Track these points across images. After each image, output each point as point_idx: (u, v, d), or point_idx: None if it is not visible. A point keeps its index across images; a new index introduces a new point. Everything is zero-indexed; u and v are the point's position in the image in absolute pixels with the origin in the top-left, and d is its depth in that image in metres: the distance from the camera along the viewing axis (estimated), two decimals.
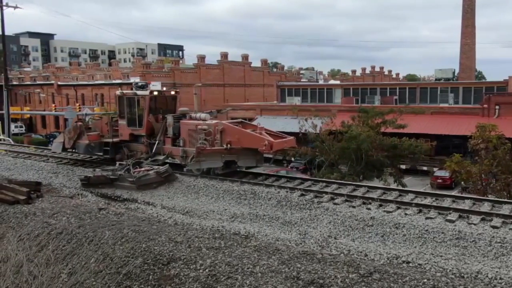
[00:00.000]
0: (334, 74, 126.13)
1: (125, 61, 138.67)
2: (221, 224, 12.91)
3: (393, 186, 25.13)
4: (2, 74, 47.21)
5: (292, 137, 17.91)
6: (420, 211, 12.67)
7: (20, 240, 13.28)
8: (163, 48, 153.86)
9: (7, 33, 45.68)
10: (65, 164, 21.54)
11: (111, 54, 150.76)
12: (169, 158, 18.52)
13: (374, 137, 24.10)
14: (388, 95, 54.57)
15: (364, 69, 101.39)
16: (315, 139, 26.36)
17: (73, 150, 21.53)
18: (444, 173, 38.69)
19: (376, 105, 31.64)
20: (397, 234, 11.46)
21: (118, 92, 20.33)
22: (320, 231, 11.93)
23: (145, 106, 18.70)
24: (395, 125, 25.49)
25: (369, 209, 12.94)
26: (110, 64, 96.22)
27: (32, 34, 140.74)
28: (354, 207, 13.15)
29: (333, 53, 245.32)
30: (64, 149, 21.50)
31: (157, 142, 18.54)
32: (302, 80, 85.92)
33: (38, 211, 14.63)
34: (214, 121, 17.62)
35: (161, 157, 18.37)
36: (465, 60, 78.52)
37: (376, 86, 60.77)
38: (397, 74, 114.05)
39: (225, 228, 12.54)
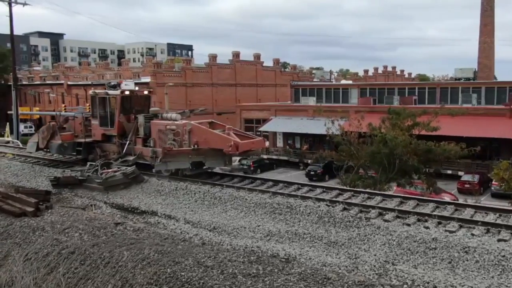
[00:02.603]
0: (343, 74, 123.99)
1: (134, 60, 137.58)
2: (255, 243, 11.26)
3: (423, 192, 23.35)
4: (11, 74, 46.06)
5: (261, 138, 17.97)
6: (488, 230, 10.91)
7: (27, 260, 11.74)
8: (172, 48, 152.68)
9: (17, 32, 44.44)
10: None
11: (120, 54, 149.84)
12: (140, 158, 18.23)
13: (408, 140, 22.29)
14: (406, 95, 52.60)
15: (376, 69, 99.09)
16: (342, 142, 24.57)
17: (47, 150, 21.41)
18: (472, 178, 36.86)
19: (406, 106, 29.78)
20: (467, 260, 9.71)
21: (90, 91, 20.31)
22: (375, 255, 10.22)
23: (116, 106, 18.61)
24: (429, 128, 23.65)
25: (427, 227, 11.20)
26: (120, 64, 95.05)
27: (41, 34, 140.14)
28: (409, 225, 11.41)
29: (339, 53, 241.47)
30: (38, 149, 21.40)
31: (128, 142, 18.34)
32: (313, 80, 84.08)
33: (47, 225, 13.10)
34: (183, 121, 17.49)
35: (131, 158, 18.16)
36: (484, 59, 76.23)
37: (394, 86, 58.65)
38: (410, 74, 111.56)
39: (261, 249, 10.89)
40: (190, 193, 14.95)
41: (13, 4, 37.10)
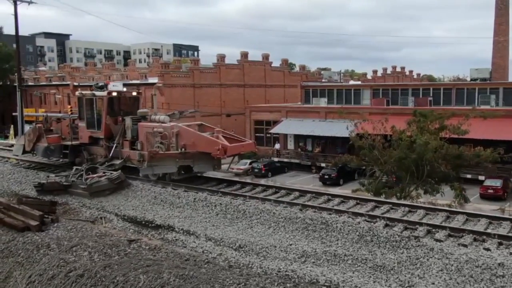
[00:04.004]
0: (349, 74, 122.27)
1: (140, 61, 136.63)
2: (289, 266, 9.86)
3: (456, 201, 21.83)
4: (16, 74, 44.95)
5: (251, 141, 17.50)
6: None
7: (30, 283, 10.42)
8: (178, 49, 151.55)
9: (23, 33, 43.41)
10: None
11: (126, 55, 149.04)
12: (127, 162, 17.49)
13: (440, 145, 20.81)
14: (421, 96, 51.16)
15: (385, 69, 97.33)
16: (364, 146, 23.10)
17: (33, 153, 20.75)
18: (495, 183, 35.28)
19: (432, 108, 28.29)
20: None
21: (77, 93, 19.72)
22: (432, 283, 8.80)
23: (103, 107, 17.94)
24: (460, 131, 22.17)
25: (488, 249, 9.76)
26: (126, 65, 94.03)
27: (48, 35, 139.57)
28: (465, 245, 9.99)
29: (344, 54, 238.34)
30: (24, 151, 20.76)
31: (115, 145, 17.65)
32: (322, 80, 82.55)
33: (52, 242, 11.77)
34: (170, 124, 16.82)
35: (118, 162, 17.43)
36: (498, 59, 74.43)
37: (408, 86, 57.16)
38: (418, 75, 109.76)
39: (297, 274, 9.48)
40: (210, 205, 13.57)
41: (18, 3, 36.02)
